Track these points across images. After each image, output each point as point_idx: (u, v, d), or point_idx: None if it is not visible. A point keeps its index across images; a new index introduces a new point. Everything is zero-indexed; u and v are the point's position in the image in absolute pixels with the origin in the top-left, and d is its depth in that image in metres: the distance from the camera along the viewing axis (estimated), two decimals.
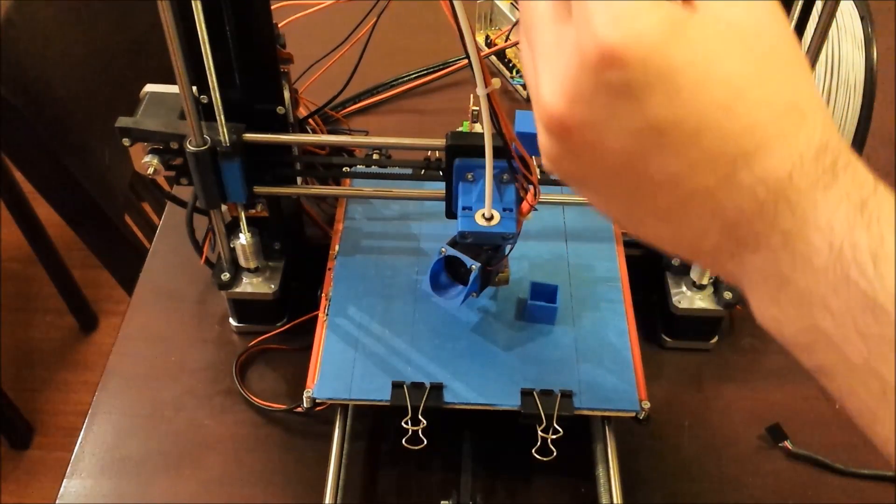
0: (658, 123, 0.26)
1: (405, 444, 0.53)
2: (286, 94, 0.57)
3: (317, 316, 0.60)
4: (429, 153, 0.59)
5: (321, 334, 0.58)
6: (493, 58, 0.90)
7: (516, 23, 0.86)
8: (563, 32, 0.27)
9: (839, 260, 0.25)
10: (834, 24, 0.54)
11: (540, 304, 0.58)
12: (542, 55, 0.27)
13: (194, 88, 0.52)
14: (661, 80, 0.25)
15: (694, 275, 0.61)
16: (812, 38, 0.45)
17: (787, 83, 0.27)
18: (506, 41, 0.87)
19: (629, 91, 0.25)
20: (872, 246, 0.25)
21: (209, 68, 0.50)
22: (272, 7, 0.53)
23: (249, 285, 0.63)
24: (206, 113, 0.53)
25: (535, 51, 0.28)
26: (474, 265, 0.53)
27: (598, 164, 0.28)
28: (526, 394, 0.54)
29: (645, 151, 0.27)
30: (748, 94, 0.26)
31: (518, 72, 0.88)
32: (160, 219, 0.78)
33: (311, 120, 0.69)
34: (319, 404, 0.55)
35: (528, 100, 0.88)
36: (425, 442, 0.53)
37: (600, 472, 0.55)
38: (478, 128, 0.60)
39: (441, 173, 0.56)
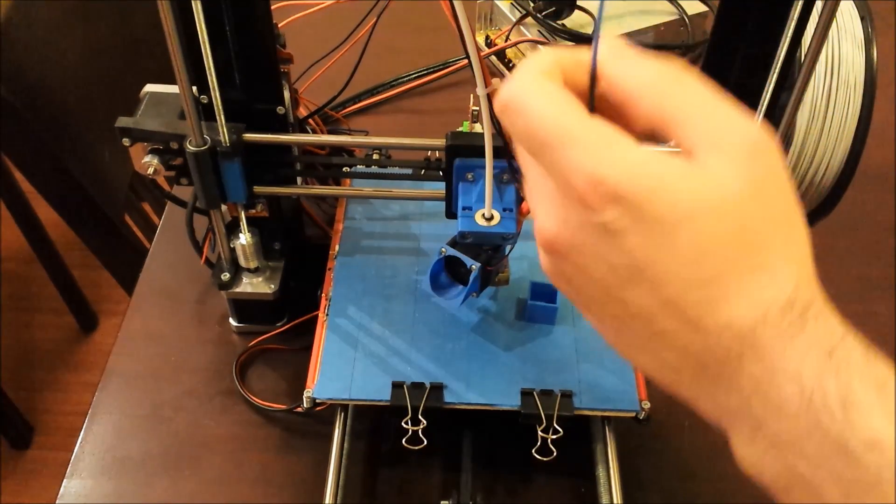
0: (633, 261, 0.28)
1: (405, 444, 0.53)
2: (286, 94, 0.57)
3: (317, 316, 0.60)
4: (429, 153, 0.59)
5: (321, 334, 0.58)
6: (493, 58, 0.90)
7: (516, 23, 0.86)
8: (546, 183, 0.29)
9: (810, 406, 0.26)
10: (834, 24, 0.54)
11: (540, 304, 0.58)
12: (537, 189, 0.30)
13: (194, 88, 0.52)
14: (640, 224, 0.27)
15: None
16: (812, 38, 0.45)
17: (763, 245, 0.28)
18: (506, 41, 0.87)
19: (610, 230, 0.27)
20: (841, 393, 0.26)
21: (209, 68, 0.50)
22: (272, 7, 0.53)
23: (249, 285, 0.63)
24: (206, 113, 0.53)
25: (530, 184, 0.31)
26: (474, 265, 0.53)
27: (586, 288, 0.30)
28: (526, 394, 0.54)
29: (622, 284, 0.28)
30: (718, 250, 0.27)
31: None
32: (160, 219, 0.78)
33: (311, 120, 0.69)
34: (319, 404, 0.55)
35: None
36: (425, 442, 0.53)
37: (600, 472, 0.55)
38: (478, 128, 0.60)
39: (441, 173, 0.56)
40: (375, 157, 0.63)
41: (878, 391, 0.26)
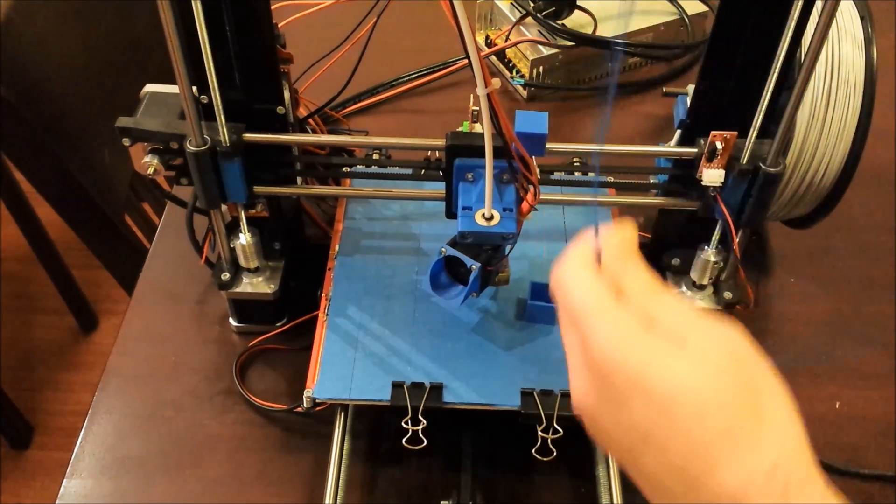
0: (638, 426, 0.33)
1: (405, 444, 0.53)
2: (286, 94, 0.57)
3: (317, 316, 0.60)
4: (429, 153, 0.59)
5: (321, 334, 0.58)
6: (493, 58, 0.91)
7: (516, 23, 0.86)
8: (576, 341, 0.35)
9: None
10: (834, 24, 0.54)
11: (540, 304, 0.58)
12: (575, 356, 0.36)
13: (194, 88, 0.52)
14: (640, 395, 0.32)
15: (694, 275, 0.61)
16: (812, 38, 0.45)
17: (746, 408, 0.32)
18: (506, 41, 0.87)
19: (617, 399, 0.33)
20: None
21: (209, 68, 0.50)
22: (272, 7, 0.53)
23: (249, 285, 0.63)
24: (206, 113, 0.53)
25: (570, 350, 0.36)
26: (474, 265, 0.53)
27: (609, 443, 0.35)
28: (526, 394, 0.54)
29: (634, 446, 0.33)
30: (707, 414, 0.31)
31: (518, 72, 0.88)
32: (160, 219, 0.78)
33: (311, 120, 0.69)
34: (319, 404, 0.55)
35: (528, 99, 0.88)
36: (425, 442, 0.53)
37: (600, 472, 0.55)
38: (478, 128, 0.60)
39: (441, 173, 0.56)
40: (375, 157, 0.63)
41: None
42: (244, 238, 0.61)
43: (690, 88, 0.56)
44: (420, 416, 0.53)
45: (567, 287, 0.36)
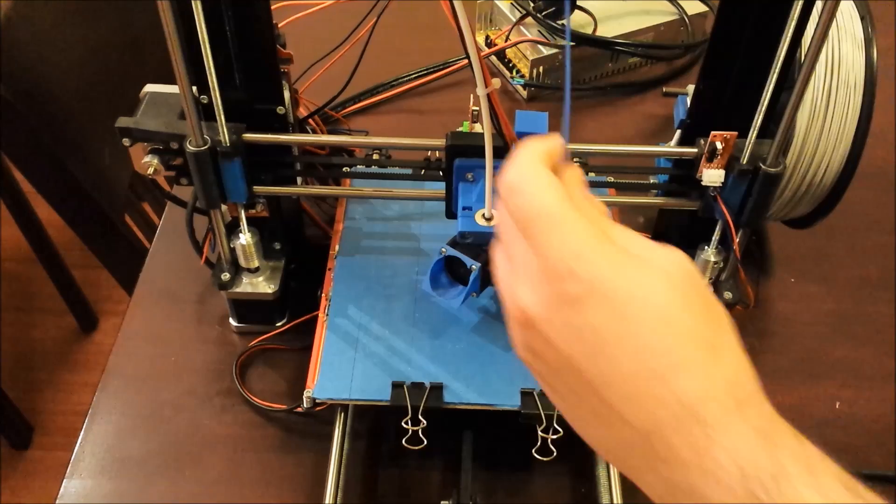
0: (596, 329, 0.31)
1: (405, 444, 0.53)
2: (286, 94, 0.57)
3: (317, 316, 0.60)
4: (429, 153, 0.59)
5: (321, 334, 0.58)
6: (493, 58, 0.91)
7: (516, 23, 0.86)
8: (527, 258, 0.33)
9: (744, 478, 0.29)
10: (834, 24, 0.54)
11: None
12: (521, 265, 0.34)
13: (194, 88, 0.52)
14: (603, 296, 0.31)
15: None
16: (812, 38, 0.45)
17: (708, 324, 0.32)
18: (506, 41, 0.87)
19: (577, 300, 0.31)
20: (773, 469, 0.29)
21: (209, 68, 0.50)
22: (272, 7, 0.53)
23: (249, 285, 0.63)
24: (206, 113, 0.53)
25: (514, 261, 0.34)
26: (474, 265, 0.53)
27: (551, 360, 0.33)
28: (526, 394, 0.54)
29: (586, 351, 0.32)
30: (672, 321, 0.31)
31: (518, 72, 0.88)
32: (160, 219, 0.78)
33: (311, 120, 0.69)
34: (319, 404, 0.55)
35: (528, 100, 0.88)
36: (425, 442, 0.53)
37: (600, 472, 0.55)
38: (478, 128, 0.60)
39: (441, 173, 0.56)
40: (375, 157, 0.63)
41: (807, 470, 0.29)
42: (244, 238, 0.61)
43: (690, 88, 0.56)
44: (420, 416, 0.53)
45: (523, 189, 0.33)
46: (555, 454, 0.53)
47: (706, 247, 0.59)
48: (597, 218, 0.33)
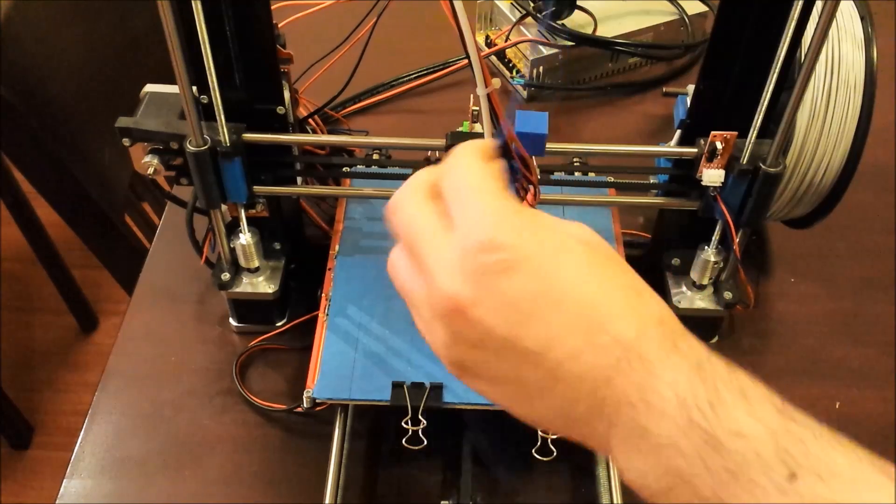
0: (528, 294, 0.32)
1: (405, 444, 0.53)
2: (286, 94, 0.57)
3: (317, 316, 0.60)
4: (429, 153, 0.59)
5: (321, 334, 0.58)
6: (493, 58, 0.91)
7: (516, 23, 0.86)
8: (447, 237, 0.34)
9: (683, 407, 0.31)
10: (834, 24, 0.53)
11: None
12: (432, 256, 0.34)
13: (194, 88, 0.52)
14: (527, 259, 0.32)
15: (694, 275, 0.61)
16: (812, 38, 0.45)
17: (625, 273, 0.34)
18: (506, 41, 0.87)
19: (503, 268, 0.32)
20: (709, 396, 0.31)
21: (209, 68, 0.50)
22: (272, 7, 0.53)
23: (249, 285, 0.63)
24: (206, 113, 0.53)
25: (423, 255, 0.34)
26: None
27: (488, 345, 0.33)
28: None
29: (521, 320, 0.32)
30: (597, 274, 0.33)
31: (518, 72, 0.88)
32: (160, 219, 0.78)
33: (311, 120, 0.69)
34: (319, 404, 0.55)
35: (528, 100, 0.88)
36: (425, 442, 0.53)
37: (600, 472, 0.55)
38: (478, 128, 0.60)
39: None
40: (375, 157, 0.63)
41: (741, 395, 0.31)
42: (244, 238, 0.61)
43: (690, 88, 0.56)
44: (420, 416, 0.53)
45: (452, 168, 0.36)
46: (555, 454, 0.53)
47: (706, 247, 0.59)
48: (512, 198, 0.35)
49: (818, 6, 0.47)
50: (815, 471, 0.29)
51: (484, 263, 0.32)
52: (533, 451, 0.53)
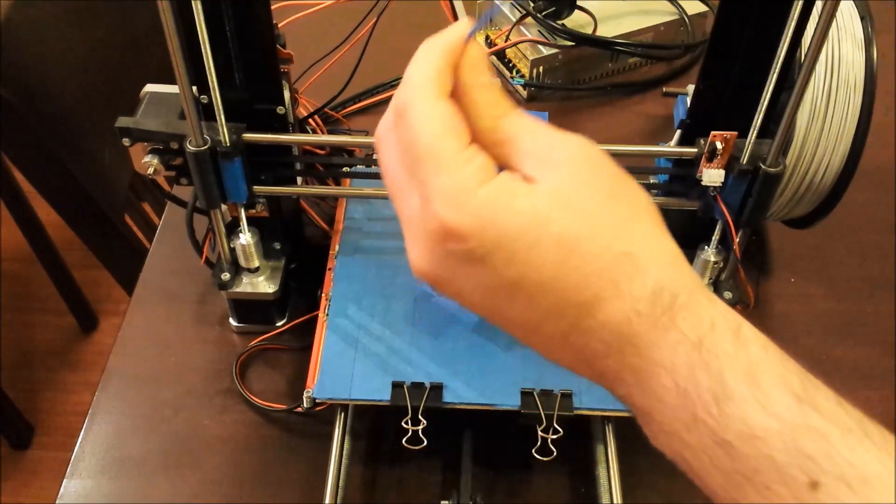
0: (504, 282, 0.29)
1: (405, 444, 0.53)
2: (286, 94, 0.57)
3: (317, 316, 0.60)
4: None
5: (321, 334, 0.58)
6: (493, 58, 0.91)
7: (516, 23, 0.86)
8: (413, 205, 0.31)
9: (685, 399, 0.28)
10: (834, 24, 0.54)
11: None
12: (403, 221, 0.32)
13: (194, 88, 0.52)
14: (498, 247, 0.28)
15: None
16: (812, 38, 0.45)
17: (620, 234, 0.29)
18: (506, 41, 0.87)
19: (472, 258, 0.29)
20: (713, 386, 0.27)
21: (209, 68, 0.50)
22: (272, 7, 0.53)
23: (249, 285, 0.63)
24: (206, 113, 0.53)
25: (399, 215, 0.32)
26: None
27: (472, 307, 0.31)
28: (526, 394, 0.54)
29: (501, 303, 0.30)
30: (579, 250, 0.29)
31: (518, 72, 0.88)
32: (160, 219, 0.78)
33: (311, 120, 0.69)
34: (319, 404, 0.55)
35: (528, 100, 0.88)
36: (425, 442, 0.53)
37: (600, 472, 0.55)
38: None
39: None
40: (375, 156, 0.63)
41: (749, 381, 0.27)
42: (244, 238, 0.61)
43: (690, 88, 0.56)
44: (420, 416, 0.53)
45: (411, 120, 0.31)
46: (555, 454, 0.53)
47: (706, 247, 0.59)
48: (489, 141, 0.31)
49: (818, 6, 0.47)
50: (841, 476, 0.25)
51: (450, 252, 0.29)
52: (533, 451, 0.53)
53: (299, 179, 0.62)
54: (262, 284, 0.63)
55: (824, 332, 0.68)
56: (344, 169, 0.62)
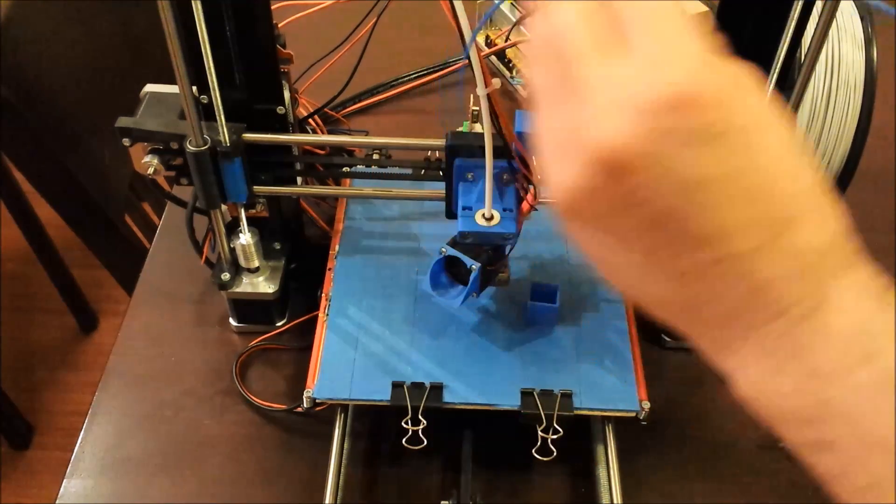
0: (721, 175, 0.25)
1: (405, 444, 0.53)
2: (286, 94, 0.57)
3: (317, 316, 0.60)
4: (429, 153, 0.59)
5: (321, 334, 0.58)
6: (493, 58, 0.90)
7: (516, 23, 0.86)
8: (620, 66, 0.26)
9: (859, 339, 0.26)
10: (834, 24, 0.53)
11: (540, 304, 0.58)
12: (594, 89, 0.26)
13: (194, 88, 0.52)
14: (741, 129, 0.25)
15: None
16: (812, 38, 0.45)
17: (811, 163, 0.28)
18: (506, 41, 0.87)
19: (705, 135, 0.25)
20: (887, 329, 0.26)
21: (209, 68, 0.50)
22: (272, 7, 0.53)
23: (249, 285, 0.63)
24: (206, 113, 0.53)
25: (581, 84, 0.26)
26: (474, 265, 0.53)
27: (633, 212, 0.27)
28: (526, 394, 0.54)
29: (696, 203, 0.26)
30: (797, 163, 0.27)
31: (518, 72, 0.88)
32: (160, 219, 0.78)
33: (311, 120, 0.69)
34: (319, 404, 0.55)
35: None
36: (425, 442, 0.53)
37: (600, 472, 0.55)
38: (478, 128, 0.60)
39: (441, 173, 0.56)
40: (375, 157, 0.63)
41: None
42: (244, 238, 0.61)
43: None
44: (420, 416, 0.53)
45: (555, 14, 0.27)
46: (555, 454, 0.53)
47: None
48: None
49: (818, 6, 0.47)
50: None
51: (675, 125, 0.25)
52: (533, 451, 0.53)
53: (299, 179, 0.62)
54: (262, 284, 0.63)
55: None
56: (344, 169, 0.62)
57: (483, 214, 0.51)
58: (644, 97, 0.25)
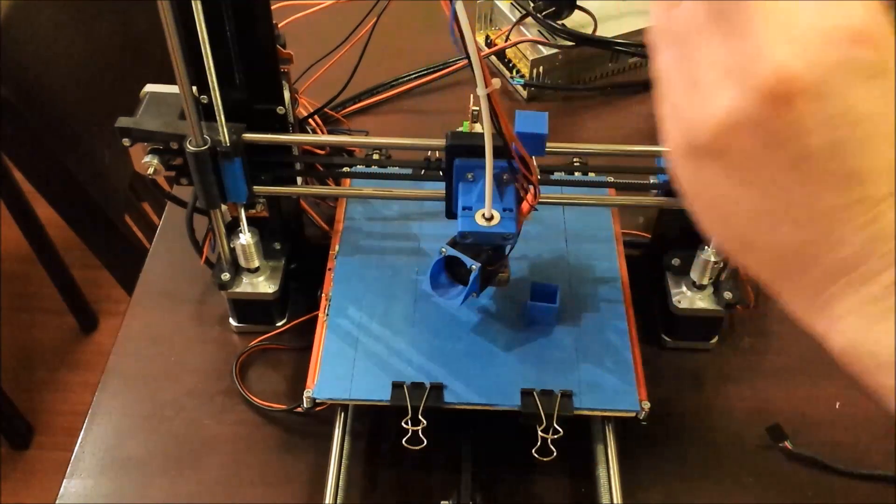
0: (883, 113, 0.25)
1: (405, 444, 0.53)
2: (286, 94, 0.57)
3: (317, 316, 0.60)
4: (429, 153, 0.59)
5: (321, 334, 0.58)
6: (493, 58, 0.91)
7: (516, 23, 0.86)
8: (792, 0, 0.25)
9: None
10: None
11: (540, 304, 0.58)
12: (765, 20, 0.25)
13: (194, 88, 0.52)
14: (892, 73, 0.25)
15: (694, 275, 0.61)
16: None
17: None
18: (506, 41, 0.87)
19: (873, 72, 0.25)
20: None
21: (209, 68, 0.50)
22: (272, 7, 0.53)
23: (249, 285, 0.63)
24: (206, 113, 0.53)
25: (744, 17, 0.26)
26: (474, 265, 0.53)
27: (787, 146, 0.26)
28: (526, 394, 0.54)
29: (856, 139, 0.25)
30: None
31: (518, 72, 0.88)
32: (160, 219, 0.78)
33: (311, 120, 0.69)
34: (319, 404, 0.55)
35: (528, 100, 0.88)
36: (425, 442, 0.53)
37: (600, 472, 0.55)
38: (478, 128, 0.60)
39: (441, 173, 0.56)
40: (375, 157, 0.63)
41: None
42: (244, 238, 0.61)
43: None
44: (420, 416, 0.53)
45: None
46: (555, 454, 0.53)
47: (706, 247, 0.59)
48: None
49: None
50: None
51: (850, 57, 0.24)
52: (533, 451, 0.53)
53: (299, 179, 0.62)
54: (262, 284, 0.63)
55: None
56: (344, 169, 0.62)
57: (483, 214, 0.51)
58: (827, 26, 0.25)
